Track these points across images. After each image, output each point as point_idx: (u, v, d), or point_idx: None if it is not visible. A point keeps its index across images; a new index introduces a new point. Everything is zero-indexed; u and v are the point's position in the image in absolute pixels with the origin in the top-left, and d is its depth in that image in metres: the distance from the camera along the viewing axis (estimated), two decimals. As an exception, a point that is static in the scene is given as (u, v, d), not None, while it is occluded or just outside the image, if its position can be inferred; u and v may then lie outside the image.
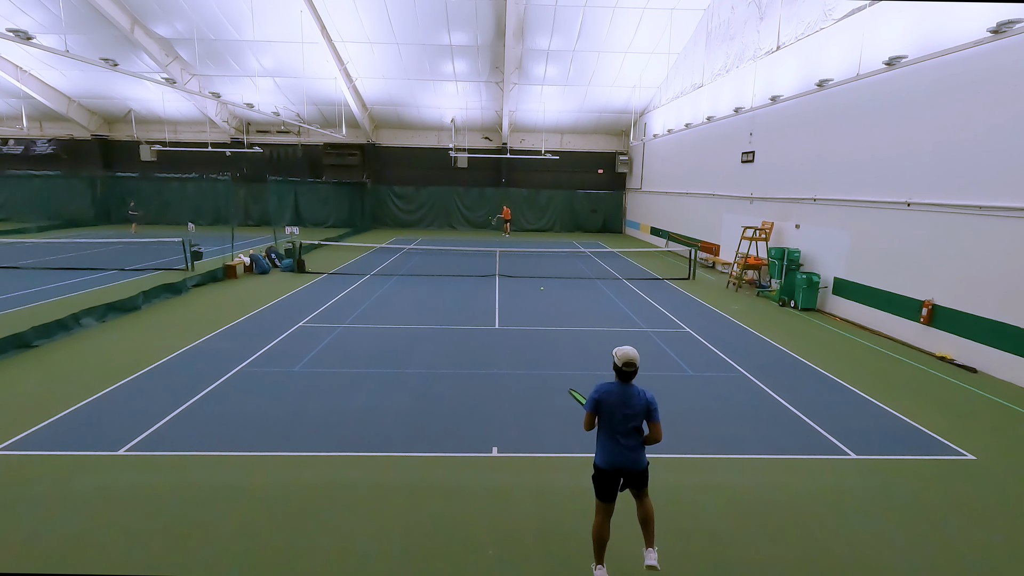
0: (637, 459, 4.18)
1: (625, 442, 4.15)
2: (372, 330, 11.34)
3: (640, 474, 4.23)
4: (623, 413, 4.13)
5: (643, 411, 4.15)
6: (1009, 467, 6.28)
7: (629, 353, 4.20)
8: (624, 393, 4.18)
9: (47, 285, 14.74)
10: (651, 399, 4.18)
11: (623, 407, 4.14)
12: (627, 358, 4.18)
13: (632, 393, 4.17)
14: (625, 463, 4.16)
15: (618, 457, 4.16)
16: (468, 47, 24.92)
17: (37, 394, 7.70)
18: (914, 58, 11.06)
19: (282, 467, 5.95)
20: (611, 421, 4.17)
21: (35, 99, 29.42)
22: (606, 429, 4.22)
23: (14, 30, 11.61)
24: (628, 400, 4.15)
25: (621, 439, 4.15)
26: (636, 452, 4.18)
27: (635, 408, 4.13)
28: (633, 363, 4.18)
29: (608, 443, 4.19)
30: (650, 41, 24.05)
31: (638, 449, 4.19)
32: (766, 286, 16.09)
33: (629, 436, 4.16)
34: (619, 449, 4.15)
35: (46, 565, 4.38)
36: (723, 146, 20.07)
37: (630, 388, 4.19)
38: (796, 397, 8.19)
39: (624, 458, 4.16)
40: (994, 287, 9.35)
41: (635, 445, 4.17)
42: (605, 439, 4.22)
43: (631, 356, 4.19)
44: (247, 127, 33.91)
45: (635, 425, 4.17)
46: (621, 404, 4.14)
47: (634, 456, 4.17)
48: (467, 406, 7.66)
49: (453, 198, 34.27)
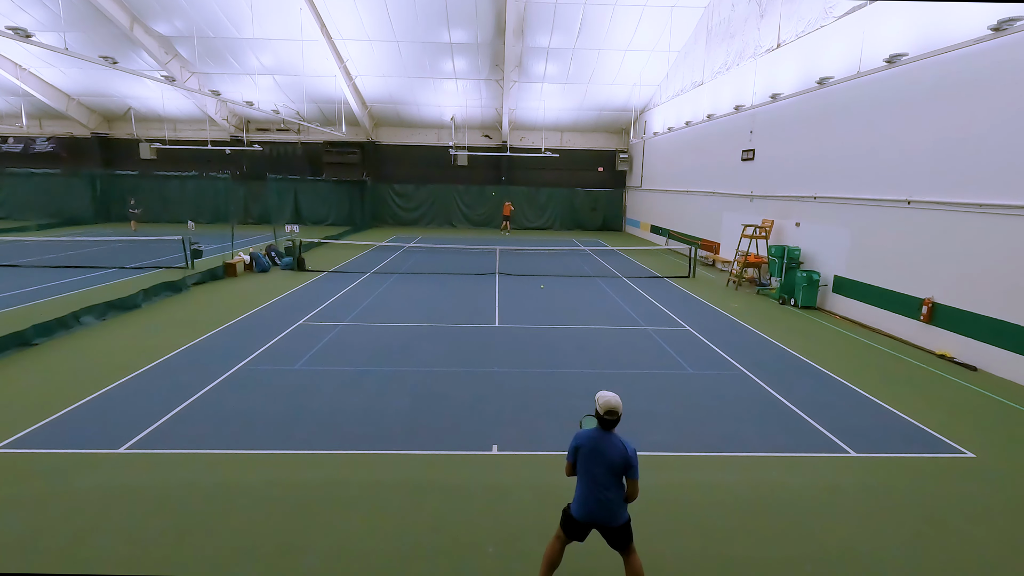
0: (613, 514, 3.89)
1: (602, 495, 3.86)
2: (372, 328, 11.34)
3: (617, 531, 3.93)
4: (601, 464, 3.84)
5: (621, 465, 3.83)
6: (1009, 465, 6.29)
7: (611, 401, 3.85)
8: (604, 442, 3.87)
9: (47, 283, 14.74)
10: (631, 454, 3.84)
11: (601, 458, 3.84)
12: (609, 406, 3.84)
13: (612, 444, 3.85)
14: (599, 518, 3.90)
15: (593, 509, 3.89)
16: (468, 45, 24.88)
17: (37, 392, 7.70)
18: (915, 56, 11.04)
19: (282, 465, 5.96)
20: (588, 471, 3.89)
21: (35, 97, 29.39)
22: (583, 478, 3.94)
23: (13, 28, 11.59)
24: (607, 451, 3.84)
25: (598, 492, 3.86)
26: (613, 507, 3.88)
27: (613, 460, 3.82)
28: (615, 411, 3.85)
29: (584, 493, 3.93)
30: (650, 39, 24.01)
31: (616, 504, 3.88)
32: (766, 284, 16.09)
33: (607, 489, 3.86)
34: (594, 502, 3.88)
35: (47, 563, 4.39)
36: (723, 144, 20.05)
37: (611, 438, 3.88)
38: (796, 395, 8.19)
39: (599, 512, 3.89)
40: (994, 285, 9.35)
41: (613, 499, 3.87)
42: (582, 488, 3.95)
43: (613, 404, 3.85)
44: (247, 125, 33.88)
45: (612, 478, 3.86)
46: (599, 454, 3.85)
47: (610, 511, 3.87)
48: (467, 404, 7.66)
49: (453, 196, 34.25)
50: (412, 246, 24.91)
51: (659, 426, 7.08)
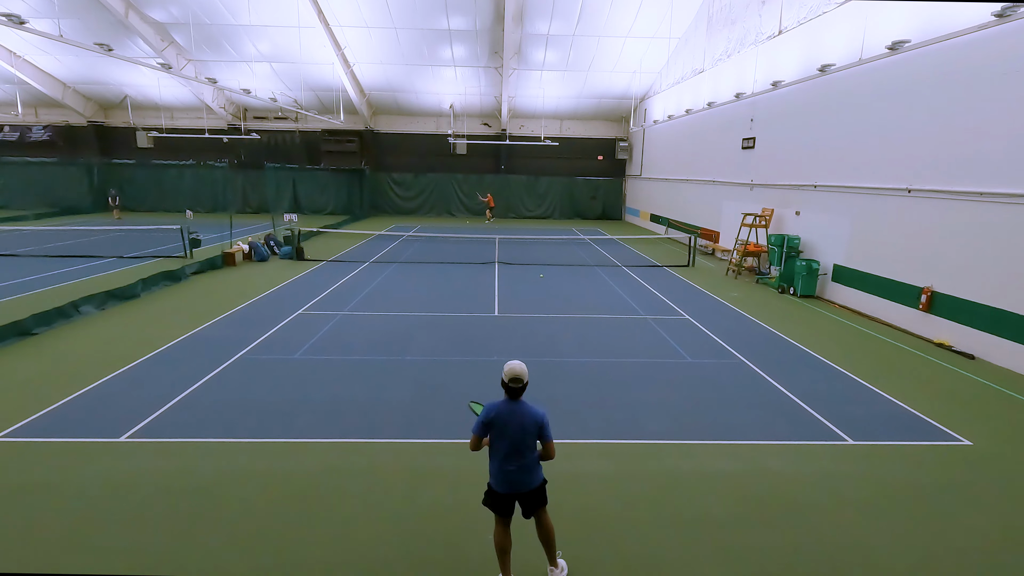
0: (530, 479, 4.03)
1: (517, 463, 3.96)
2: (371, 318, 11.34)
3: (533, 493, 4.07)
4: (516, 432, 3.92)
5: (534, 429, 3.93)
6: (1006, 453, 6.32)
7: (516, 368, 3.93)
8: (515, 411, 3.94)
9: (45, 273, 14.71)
10: (542, 416, 3.95)
11: (515, 426, 3.92)
12: (513, 374, 3.91)
13: (523, 411, 3.93)
14: (518, 486, 4.02)
15: (512, 479, 4.00)
16: (467, 32, 24.64)
17: (37, 382, 7.71)
18: (917, 43, 10.95)
19: (282, 454, 5.98)
20: (503, 442, 3.95)
21: (30, 85, 29.13)
22: (498, 451, 4.00)
23: (7, 14, 11.46)
24: (518, 419, 3.92)
25: (516, 460, 3.96)
26: (529, 472, 4.01)
27: (527, 426, 3.92)
28: (520, 379, 3.92)
29: (501, 465, 4.00)
30: (651, 25, 23.78)
31: (531, 468, 4.03)
32: (765, 273, 16.08)
33: (523, 455, 3.97)
34: (513, 471, 3.97)
35: (47, 552, 4.41)
36: (723, 132, 19.94)
37: (520, 405, 3.95)
38: (794, 384, 8.22)
39: (517, 480, 4.00)
40: (993, 274, 9.35)
41: (527, 465, 4.00)
42: (499, 460, 4.01)
43: (518, 371, 3.92)
44: (244, 113, 33.65)
45: (527, 444, 3.96)
46: (512, 423, 3.92)
47: (527, 477, 4.01)
48: (466, 393, 7.66)
49: (452, 185, 34.11)
50: (411, 235, 24.85)
51: (658, 415, 7.10)
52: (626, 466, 5.84)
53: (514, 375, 3.92)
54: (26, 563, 4.27)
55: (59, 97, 30.58)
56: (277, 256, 18.42)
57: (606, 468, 5.82)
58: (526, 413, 3.94)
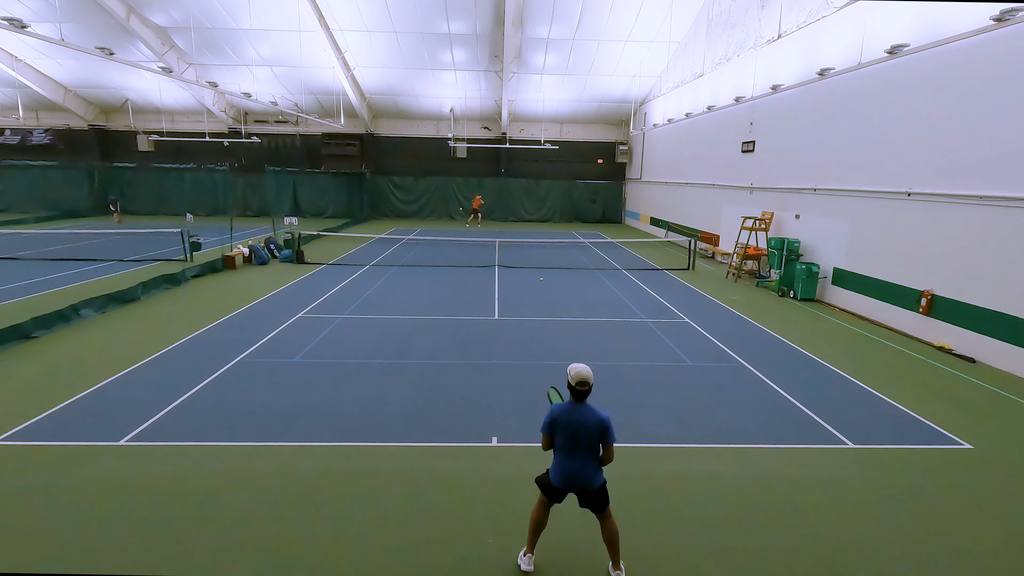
0: (590, 479, 4.12)
1: (578, 463, 4.09)
2: (371, 321, 11.34)
3: (594, 495, 4.18)
4: (576, 434, 4.04)
5: (597, 432, 4.04)
6: (1007, 456, 6.31)
7: (582, 372, 4.04)
8: (579, 413, 4.06)
9: (46, 276, 14.72)
10: (605, 419, 4.05)
11: (576, 427, 4.04)
12: (580, 377, 4.03)
13: (587, 413, 4.05)
14: (579, 485, 4.13)
15: (572, 478, 4.12)
16: (467, 36, 24.71)
17: (37, 385, 7.71)
18: (916, 47, 10.98)
19: (282, 457, 5.97)
20: (567, 442, 4.08)
21: (31, 89, 29.21)
22: (562, 450, 4.14)
23: (8, 18, 11.50)
24: (582, 420, 4.04)
25: (574, 459, 4.09)
26: (590, 473, 4.12)
27: (591, 429, 4.03)
28: (587, 382, 4.03)
29: (562, 463, 4.14)
30: (650, 29, 23.85)
31: (592, 470, 4.12)
32: (765, 276, 16.08)
33: (585, 457, 4.08)
34: (573, 470, 4.10)
35: (47, 554, 4.41)
36: (723, 136, 19.98)
37: (584, 408, 4.07)
38: (794, 387, 8.21)
39: (578, 480, 4.12)
40: (994, 277, 9.35)
41: (587, 466, 4.11)
42: (561, 458, 4.16)
43: (584, 375, 4.03)
44: (245, 117, 33.71)
45: (589, 445, 4.07)
46: (574, 424, 4.04)
47: (587, 477, 4.11)
48: (467, 396, 7.68)
49: (452, 188, 34.15)
50: (411, 238, 24.87)
51: (658, 418, 7.10)
52: (626, 469, 5.83)
53: (581, 378, 4.03)
54: (26, 565, 4.26)
55: (60, 101, 30.65)
56: (277, 259, 18.43)
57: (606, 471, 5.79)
58: (590, 415, 4.05)
